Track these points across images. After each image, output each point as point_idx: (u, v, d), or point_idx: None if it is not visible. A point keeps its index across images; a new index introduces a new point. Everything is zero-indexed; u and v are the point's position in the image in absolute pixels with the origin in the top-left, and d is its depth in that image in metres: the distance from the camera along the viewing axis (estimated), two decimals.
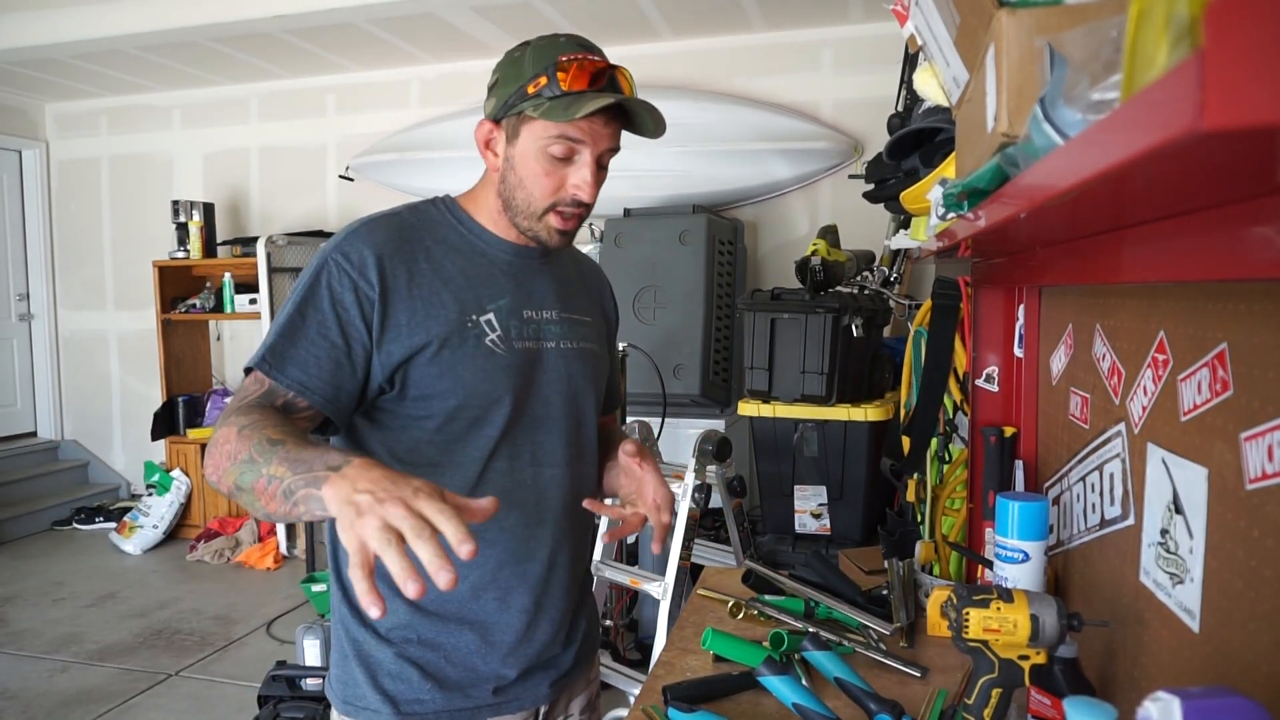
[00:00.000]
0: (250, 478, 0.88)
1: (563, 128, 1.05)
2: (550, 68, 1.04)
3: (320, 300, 1.05)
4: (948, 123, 1.21)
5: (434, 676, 1.12)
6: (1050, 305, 1.37)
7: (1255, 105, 0.30)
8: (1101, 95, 0.48)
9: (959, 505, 1.72)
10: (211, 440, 0.96)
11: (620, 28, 4.07)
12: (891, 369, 3.05)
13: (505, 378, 1.10)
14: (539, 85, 1.05)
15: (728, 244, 3.68)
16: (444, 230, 1.15)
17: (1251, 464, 0.71)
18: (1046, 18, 0.73)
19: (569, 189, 1.09)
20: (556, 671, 1.21)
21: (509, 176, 1.11)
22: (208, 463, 0.95)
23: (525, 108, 1.06)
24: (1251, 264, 0.54)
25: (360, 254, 1.06)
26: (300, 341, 1.03)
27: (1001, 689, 0.95)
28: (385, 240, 1.08)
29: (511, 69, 1.08)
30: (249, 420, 0.93)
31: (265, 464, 0.87)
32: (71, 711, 2.96)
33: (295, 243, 4.70)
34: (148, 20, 4.04)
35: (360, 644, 1.13)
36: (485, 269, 1.14)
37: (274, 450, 0.87)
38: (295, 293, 1.06)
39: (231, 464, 0.90)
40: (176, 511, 4.89)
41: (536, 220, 1.11)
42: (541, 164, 1.08)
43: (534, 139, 1.07)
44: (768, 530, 2.97)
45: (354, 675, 1.13)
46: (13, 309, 5.63)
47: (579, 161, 1.08)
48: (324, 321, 1.04)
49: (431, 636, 1.12)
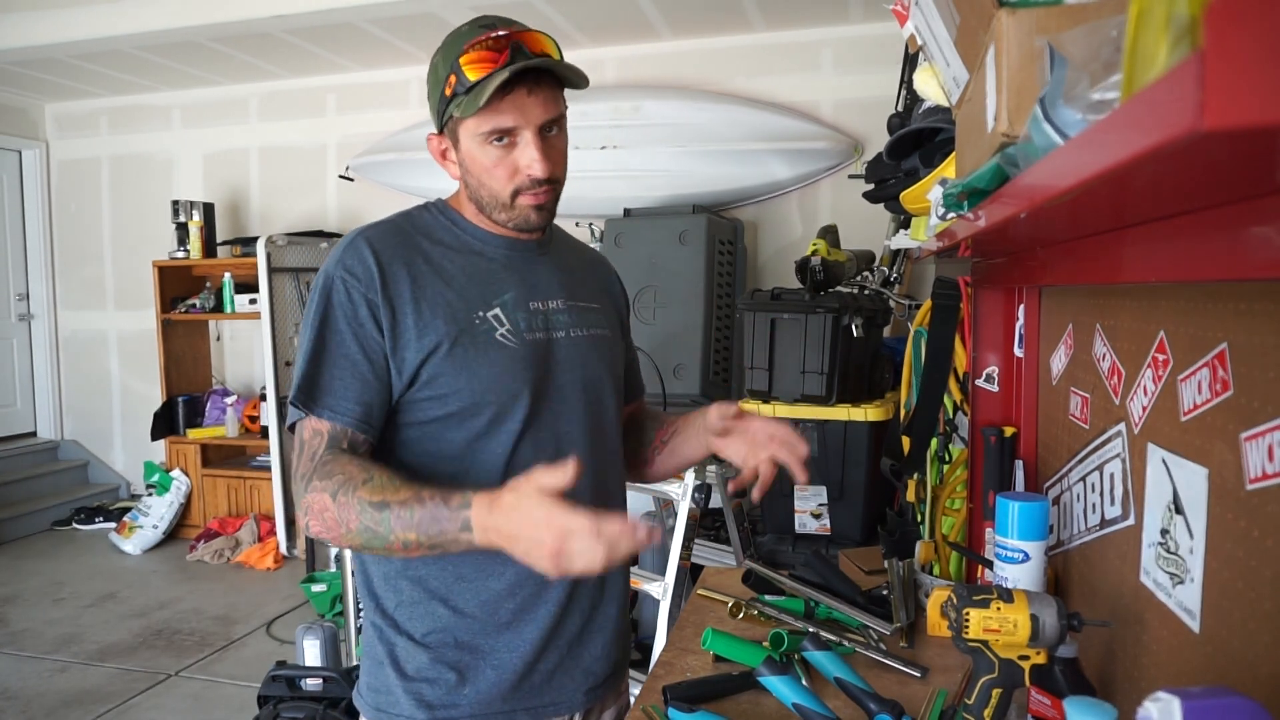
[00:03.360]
0: (379, 543, 0.96)
1: (488, 118, 1.04)
2: (454, 62, 1.04)
3: (336, 321, 1.05)
4: (948, 123, 1.21)
5: (469, 680, 1.10)
6: (1050, 305, 1.37)
7: (1255, 105, 0.30)
8: (1101, 95, 0.48)
9: (959, 505, 1.72)
10: (304, 505, 0.99)
11: (620, 28, 4.07)
12: (891, 369, 3.05)
13: (522, 370, 1.10)
14: (451, 85, 1.05)
15: (728, 244, 3.68)
16: (439, 232, 1.15)
17: (1252, 464, 0.71)
18: (1046, 18, 0.73)
19: (522, 171, 1.08)
20: (592, 679, 1.19)
21: (468, 180, 1.12)
22: (313, 528, 0.99)
23: (451, 111, 1.06)
24: (1251, 264, 0.54)
25: (364, 264, 1.06)
26: (330, 369, 1.04)
27: (1002, 689, 0.95)
28: (384, 247, 1.08)
29: (431, 78, 1.09)
30: (336, 484, 0.97)
31: (388, 532, 0.94)
32: (71, 711, 2.96)
33: (295, 243, 4.70)
34: (148, 20, 4.03)
35: (395, 649, 1.12)
36: (485, 266, 1.14)
37: (384, 514, 0.94)
38: (311, 319, 1.07)
39: (346, 532, 0.96)
40: (176, 511, 4.89)
41: (509, 210, 1.11)
42: (488, 157, 1.07)
43: (470, 137, 1.07)
44: (768, 530, 2.97)
45: (387, 682, 1.12)
46: (12, 309, 5.63)
47: (521, 141, 1.07)
48: (344, 342, 1.05)
49: (468, 639, 1.11)
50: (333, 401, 1.03)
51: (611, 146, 3.99)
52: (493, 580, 1.11)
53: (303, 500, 1.00)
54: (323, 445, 1.02)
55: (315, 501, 0.98)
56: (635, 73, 4.39)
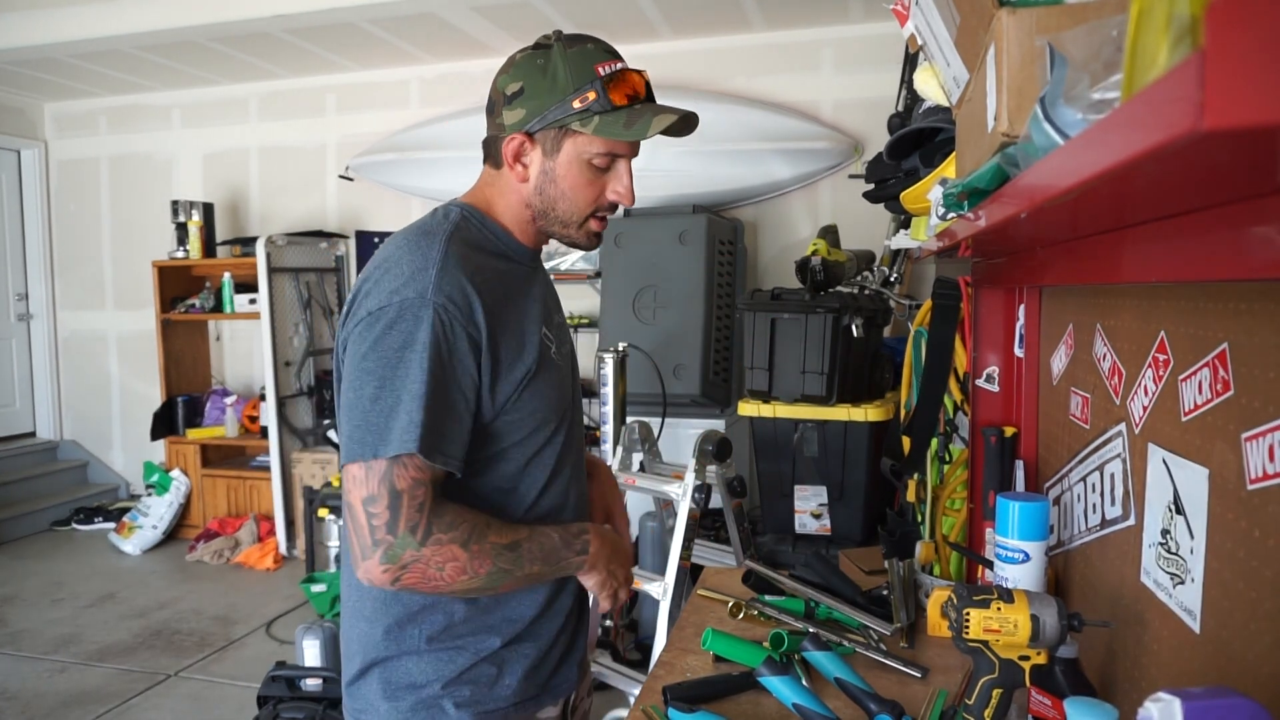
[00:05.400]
0: (503, 580, 1.02)
1: (611, 142, 1.05)
2: (597, 83, 1.03)
3: (443, 355, 0.97)
4: (948, 122, 1.21)
5: (506, 673, 1.11)
6: (1050, 305, 1.37)
7: (1255, 105, 0.30)
8: (1102, 95, 0.48)
9: (959, 505, 1.72)
10: (421, 558, 0.96)
11: (620, 28, 4.07)
12: (891, 369, 3.05)
13: (569, 386, 1.15)
14: (587, 100, 1.03)
15: (728, 244, 3.68)
16: (489, 244, 1.10)
17: (1252, 464, 0.70)
18: (1047, 17, 0.73)
19: (609, 195, 1.10)
20: (579, 654, 1.24)
21: (547, 189, 1.08)
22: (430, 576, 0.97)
23: (570, 121, 1.04)
24: (1251, 264, 0.54)
25: (464, 293, 0.99)
26: (443, 411, 0.97)
27: (1002, 689, 0.95)
28: (473, 270, 1.02)
29: (543, 80, 1.04)
30: (464, 533, 0.98)
31: (518, 569, 1.03)
32: (70, 712, 2.96)
33: (295, 243, 4.70)
34: (148, 20, 4.03)
35: (429, 667, 1.11)
36: (524, 281, 1.13)
37: (516, 553, 1.02)
38: (409, 352, 0.96)
39: (474, 578, 1.00)
40: (176, 512, 4.89)
41: (577, 229, 1.11)
42: (585, 175, 1.07)
43: (578, 151, 1.06)
44: (768, 530, 2.97)
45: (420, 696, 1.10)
46: (12, 309, 5.63)
47: (619, 169, 1.09)
48: (453, 380, 0.98)
49: (504, 637, 1.12)
50: (447, 446, 0.98)
51: None
52: (537, 590, 1.14)
53: (419, 551, 0.95)
54: (428, 494, 0.97)
55: (439, 553, 0.96)
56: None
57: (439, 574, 0.97)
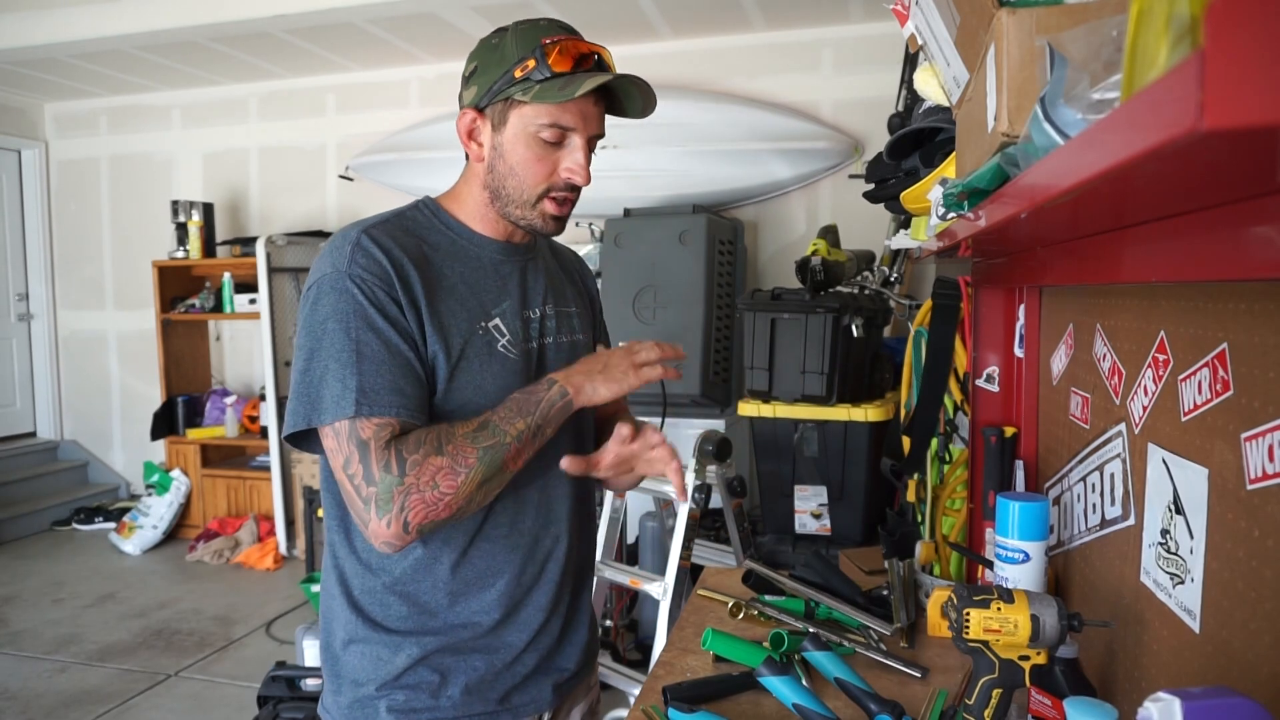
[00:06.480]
0: (500, 456, 0.98)
1: (555, 112, 1.03)
2: (538, 50, 1.02)
3: (370, 318, 0.98)
4: (948, 122, 1.21)
5: (449, 683, 1.09)
6: (1050, 305, 1.37)
7: (1255, 105, 0.30)
8: (1102, 95, 0.48)
9: (959, 505, 1.72)
10: (408, 487, 0.94)
11: (620, 28, 4.07)
12: (891, 369, 3.05)
13: (521, 381, 1.09)
14: (527, 68, 1.02)
15: (728, 244, 3.68)
16: (434, 235, 1.10)
17: (1252, 464, 0.70)
18: (1047, 17, 0.73)
19: (562, 173, 1.07)
20: (560, 675, 1.19)
21: (497, 165, 1.08)
22: (430, 499, 0.95)
23: (513, 92, 1.03)
24: (1251, 264, 0.54)
25: (377, 263, 1.00)
26: (387, 369, 0.97)
27: (1002, 689, 0.95)
28: (392, 246, 1.03)
29: (492, 54, 1.05)
30: (434, 444, 0.96)
31: (504, 437, 0.99)
32: (71, 712, 2.96)
33: (295, 243, 4.70)
34: (148, 20, 4.03)
35: (377, 658, 1.09)
36: (480, 273, 1.11)
37: (490, 428, 0.98)
38: (329, 326, 0.98)
39: (471, 471, 0.96)
40: (176, 512, 4.89)
41: (530, 208, 1.08)
42: (533, 150, 1.05)
43: (524, 124, 1.04)
44: (768, 530, 2.97)
45: (361, 694, 1.09)
46: (12, 309, 5.63)
47: (571, 145, 1.06)
48: (387, 337, 0.98)
49: (449, 643, 1.09)
50: (390, 398, 0.97)
51: (612, 146, 3.99)
52: (487, 592, 1.10)
53: (403, 482, 0.94)
54: (390, 435, 0.97)
55: (422, 472, 0.94)
56: (635, 72, 4.36)
57: (436, 492, 0.95)
